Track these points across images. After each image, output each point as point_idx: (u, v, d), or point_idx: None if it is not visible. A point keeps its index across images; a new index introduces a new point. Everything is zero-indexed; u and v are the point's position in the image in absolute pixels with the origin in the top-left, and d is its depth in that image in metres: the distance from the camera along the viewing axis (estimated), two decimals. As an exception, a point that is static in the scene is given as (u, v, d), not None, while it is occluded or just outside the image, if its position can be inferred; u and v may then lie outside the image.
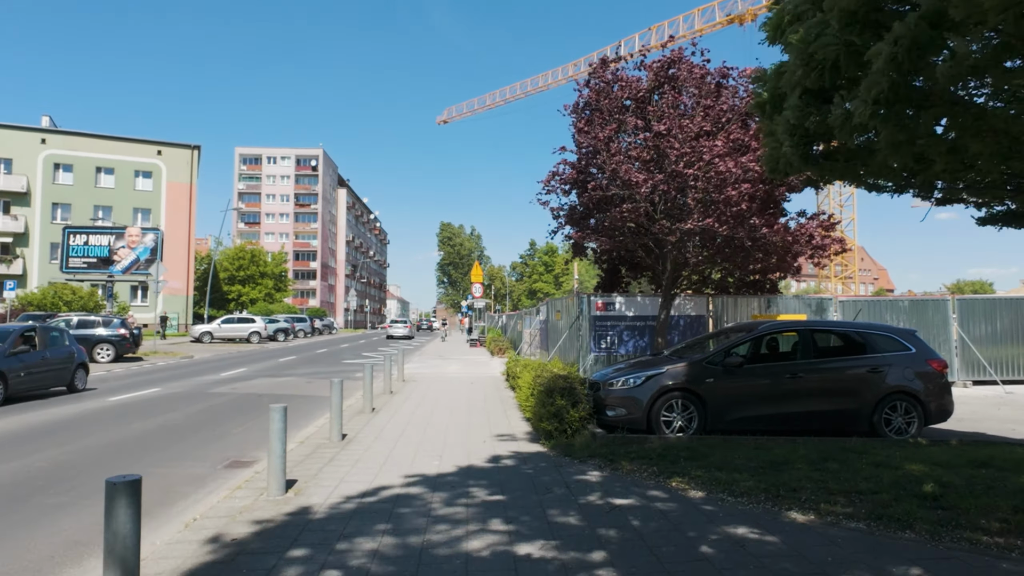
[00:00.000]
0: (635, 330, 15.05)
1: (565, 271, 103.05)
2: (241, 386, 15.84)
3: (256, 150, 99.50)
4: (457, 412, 11.39)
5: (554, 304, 17.37)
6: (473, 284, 36.49)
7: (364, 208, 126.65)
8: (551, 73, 76.56)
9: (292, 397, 13.89)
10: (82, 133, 52.96)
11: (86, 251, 40.92)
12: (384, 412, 11.46)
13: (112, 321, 23.59)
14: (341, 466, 7.29)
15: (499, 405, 12.22)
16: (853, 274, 63.55)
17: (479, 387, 15.31)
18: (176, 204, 54.66)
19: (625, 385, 8.61)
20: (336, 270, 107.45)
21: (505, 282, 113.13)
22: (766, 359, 9.04)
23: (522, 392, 10.55)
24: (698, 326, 15.25)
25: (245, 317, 41.29)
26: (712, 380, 8.32)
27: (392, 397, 13.41)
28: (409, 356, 27.79)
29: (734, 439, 8.01)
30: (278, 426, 6.11)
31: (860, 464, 6.70)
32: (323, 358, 26.55)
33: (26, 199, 50.58)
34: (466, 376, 18.18)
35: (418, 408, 11.92)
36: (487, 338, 34.43)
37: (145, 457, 8.10)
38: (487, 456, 7.73)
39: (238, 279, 71.34)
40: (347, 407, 11.99)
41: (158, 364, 22.86)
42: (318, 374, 19.46)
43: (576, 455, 7.53)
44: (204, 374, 18.92)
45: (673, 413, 8.34)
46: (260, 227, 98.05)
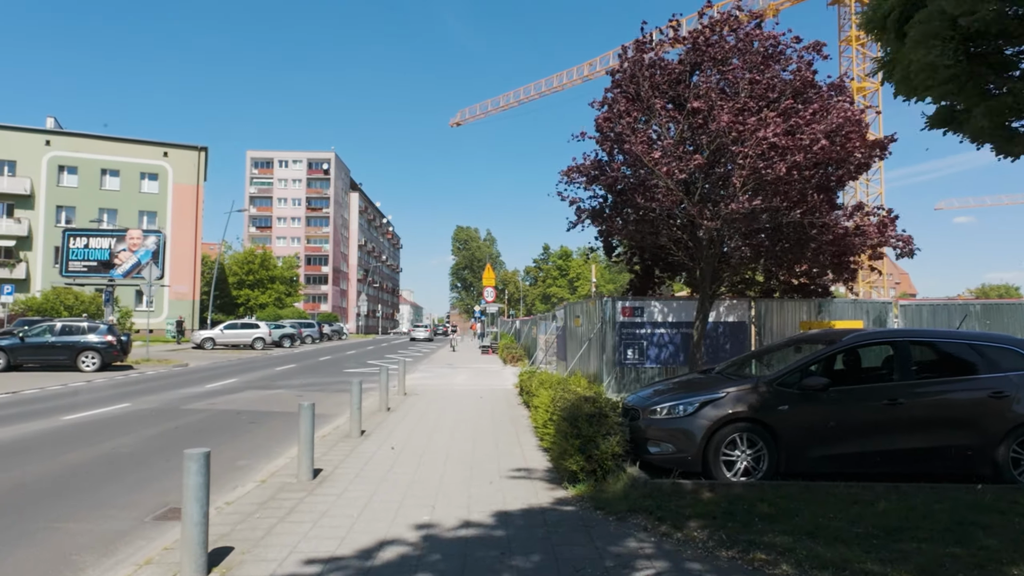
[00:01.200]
0: (668, 338, 13.16)
1: (580, 275, 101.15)
2: (221, 401, 14.14)
3: (268, 153, 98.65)
4: (461, 436, 9.57)
5: (573, 309, 15.49)
6: (485, 288, 34.70)
7: (377, 212, 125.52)
8: (566, 73, 74.83)
9: (274, 415, 12.15)
10: (87, 135, 51.92)
11: (86, 254, 39.64)
12: (375, 436, 9.67)
13: (98, 327, 22.04)
14: (300, 523, 5.49)
15: (511, 427, 10.39)
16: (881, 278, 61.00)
17: (488, 403, 13.49)
18: (182, 207, 53.44)
19: (673, 413, 6.72)
20: (348, 275, 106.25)
21: (519, 287, 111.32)
22: (854, 379, 7.16)
23: (539, 414, 8.72)
24: (739, 334, 13.33)
25: (249, 323, 39.79)
26: (787, 407, 6.42)
27: (388, 416, 11.62)
28: (416, 364, 26.04)
29: (818, 486, 6.11)
30: (195, 480, 4.30)
31: (1019, 529, 4.79)
32: (325, 366, 24.86)
33: (30, 202, 49.55)
34: (475, 389, 16.37)
35: (415, 430, 10.11)
36: (499, 345, 32.62)
37: (58, 504, 6.35)
38: (493, 507, 5.91)
39: (247, 283, 70.15)
40: (333, 429, 10.25)
41: (146, 374, 21.27)
42: (313, 386, 17.73)
43: (612, 508, 5.68)
44: (188, 386, 17.25)
45: (736, 451, 6.44)
46: (272, 231, 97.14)
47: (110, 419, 11.44)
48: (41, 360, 21.19)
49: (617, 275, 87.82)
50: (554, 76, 76.88)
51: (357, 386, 9.80)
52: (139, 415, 11.99)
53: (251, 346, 37.65)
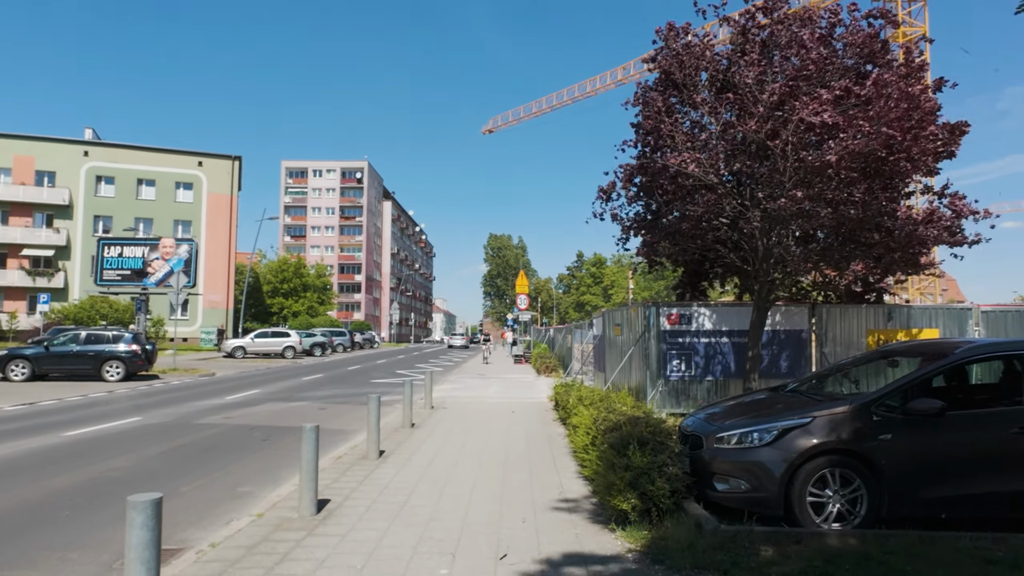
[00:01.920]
0: (718, 349, 11.93)
1: (614, 283, 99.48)
2: (238, 415, 13.33)
3: (302, 163, 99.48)
4: (490, 459, 8.51)
5: (612, 316, 14.34)
6: (518, 295, 33.66)
7: (409, 220, 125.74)
8: (599, 78, 73.45)
9: (289, 432, 11.25)
10: (123, 145, 52.57)
11: (120, 263, 39.79)
12: (393, 459, 8.66)
13: (124, 336, 21.58)
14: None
15: (546, 448, 9.28)
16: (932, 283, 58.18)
17: (521, 418, 12.41)
18: (217, 216, 53.69)
19: (745, 442, 5.53)
20: (381, 283, 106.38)
21: (552, 294, 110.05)
22: (972, 401, 5.91)
23: (578, 436, 7.62)
24: (796, 344, 12.02)
25: (279, 331, 39.38)
26: (889, 437, 5.19)
27: (411, 434, 10.62)
28: (447, 374, 25.10)
29: (937, 538, 4.87)
30: (140, 537, 3.28)
31: None
32: (353, 376, 24.07)
33: (68, 212, 50.26)
34: (507, 402, 15.30)
35: (440, 453, 9.07)
36: (532, 354, 31.51)
37: (17, 541, 5.47)
38: (528, 556, 4.83)
39: (281, 292, 70.38)
40: (350, 449, 9.29)
41: (171, 384, 20.72)
42: (337, 397, 16.87)
43: (674, 562, 4.57)
44: (208, 397, 16.55)
45: (827, 490, 5.22)
46: (306, 240, 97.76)
47: (113, 436, 10.66)
48: (66, 369, 20.81)
49: (653, 282, 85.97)
50: (587, 81, 75.66)
51: (375, 402, 8.80)
52: (146, 431, 11.20)
53: (281, 355, 37.21)
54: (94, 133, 54.12)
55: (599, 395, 9.06)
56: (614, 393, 8.64)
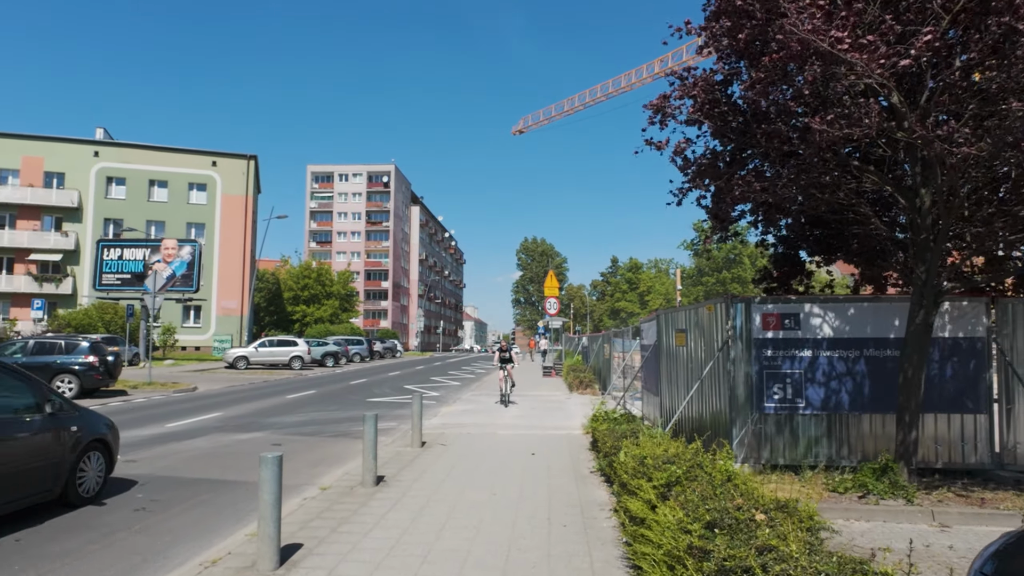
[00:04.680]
0: (844, 367, 7.88)
1: (651, 289, 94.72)
2: (154, 454, 9.71)
3: (328, 167, 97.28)
4: (484, 564, 4.65)
5: (672, 319, 10.28)
6: (547, 299, 29.68)
7: (438, 226, 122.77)
8: (635, 72, 69.69)
9: (196, 488, 7.54)
10: (135, 145, 50.27)
11: (120, 266, 37.19)
12: (330, 547, 4.83)
13: (79, 345, 18.30)
14: None
15: (579, 531, 5.37)
16: None
17: (543, 465, 8.52)
18: (232, 218, 50.94)
19: None
20: (409, 290, 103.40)
21: (585, 301, 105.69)
22: None
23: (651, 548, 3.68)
24: (968, 358, 7.88)
25: (286, 340, 36.05)
26: None
27: (365, 502, 6.79)
28: (460, 391, 21.25)
29: None
30: None
31: None
32: (349, 393, 20.41)
33: (78, 214, 48.02)
34: (527, 434, 11.42)
35: (398, 546, 5.23)
36: (564, 365, 27.51)
37: None
38: None
39: (302, 299, 67.66)
40: (243, 541, 5.49)
41: (132, 402, 17.35)
42: (310, 426, 13.20)
43: None
44: (150, 424, 13.04)
45: None
46: (332, 246, 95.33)
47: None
48: (9, 385, 17.55)
49: (691, 287, 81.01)
50: (621, 76, 71.80)
51: (272, 471, 4.97)
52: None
53: (288, 365, 33.86)
54: (106, 133, 51.99)
55: (674, 451, 5.10)
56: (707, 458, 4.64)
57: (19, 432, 6.21)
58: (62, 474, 6.59)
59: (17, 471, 6.01)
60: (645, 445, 5.58)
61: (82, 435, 6.92)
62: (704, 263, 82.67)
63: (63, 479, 6.60)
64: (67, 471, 6.64)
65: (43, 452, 6.37)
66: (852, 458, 7.75)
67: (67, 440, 6.71)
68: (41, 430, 6.44)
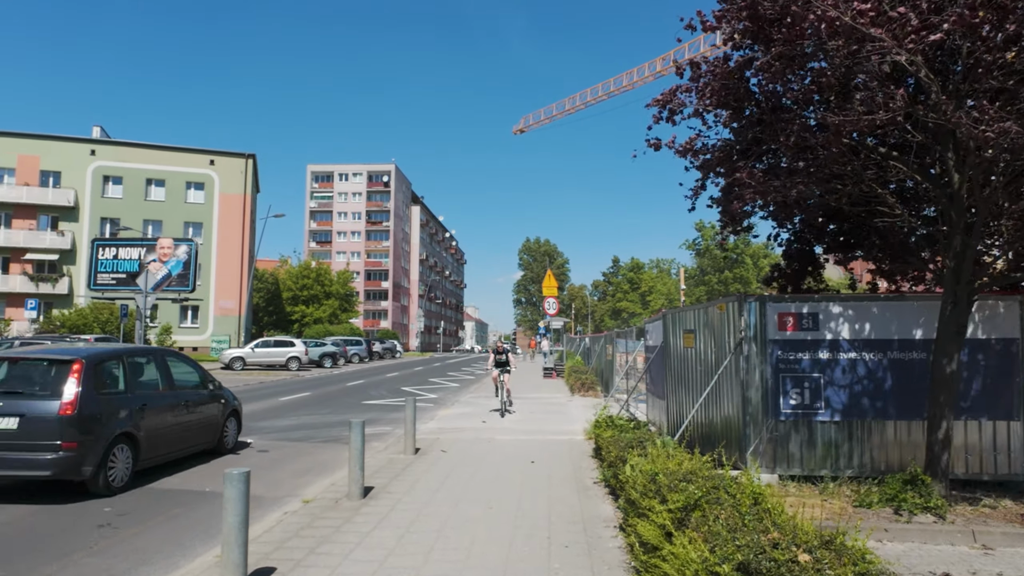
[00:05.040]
0: (866, 370, 7.34)
1: (652, 289, 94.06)
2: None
3: (328, 167, 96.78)
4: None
5: (681, 319, 9.72)
6: (546, 298, 29.11)
7: (439, 226, 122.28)
8: (637, 70, 69.11)
9: (175, 497, 7.00)
10: (132, 143, 49.80)
11: (115, 265, 36.57)
12: (305, 572, 4.33)
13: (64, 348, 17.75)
14: None
15: (582, 553, 4.85)
16: None
17: (543, 473, 7.98)
18: (229, 217, 50.43)
19: None
20: (409, 290, 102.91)
21: (586, 301, 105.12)
22: None
23: None
24: (999, 361, 7.33)
25: (283, 340, 35.53)
26: None
27: (350, 517, 6.26)
28: (460, 392, 20.74)
29: None
30: None
31: None
32: (345, 395, 19.88)
33: (74, 214, 47.55)
34: (527, 439, 10.89)
35: (390, 560, 4.71)
36: (565, 367, 26.97)
37: None
38: None
39: (302, 299, 67.15)
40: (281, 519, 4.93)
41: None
42: (299, 431, 12.69)
43: None
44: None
45: None
46: (332, 246, 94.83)
47: None
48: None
49: (693, 288, 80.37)
50: (623, 74, 71.25)
51: (237, 502, 4.44)
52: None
53: (285, 366, 33.34)
54: (102, 131, 51.52)
55: (688, 467, 4.56)
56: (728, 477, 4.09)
57: (199, 401, 9.23)
58: (217, 431, 9.66)
59: (200, 426, 9.16)
60: (655, 458, 5.05)
61: (227, 406, 9.93)
62: (706, 263, 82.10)
63: (217, 435, 9.67)
64: (219, 430, 9.70)
65: (209, 415, 9.45)
66: (875, 468, 7.21)
67: (220, 409, 9.74)
68: (208, 400, 9.46)
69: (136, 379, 8.30)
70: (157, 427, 8.15)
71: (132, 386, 8.08)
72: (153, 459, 8.15)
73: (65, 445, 6.80)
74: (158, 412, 8.24)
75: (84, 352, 7.75)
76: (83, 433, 6.94)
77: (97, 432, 7.09)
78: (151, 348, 10.45)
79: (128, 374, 8.14)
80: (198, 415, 9.07)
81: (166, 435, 8.36)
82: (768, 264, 79.98)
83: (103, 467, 7.16)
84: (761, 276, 78.65)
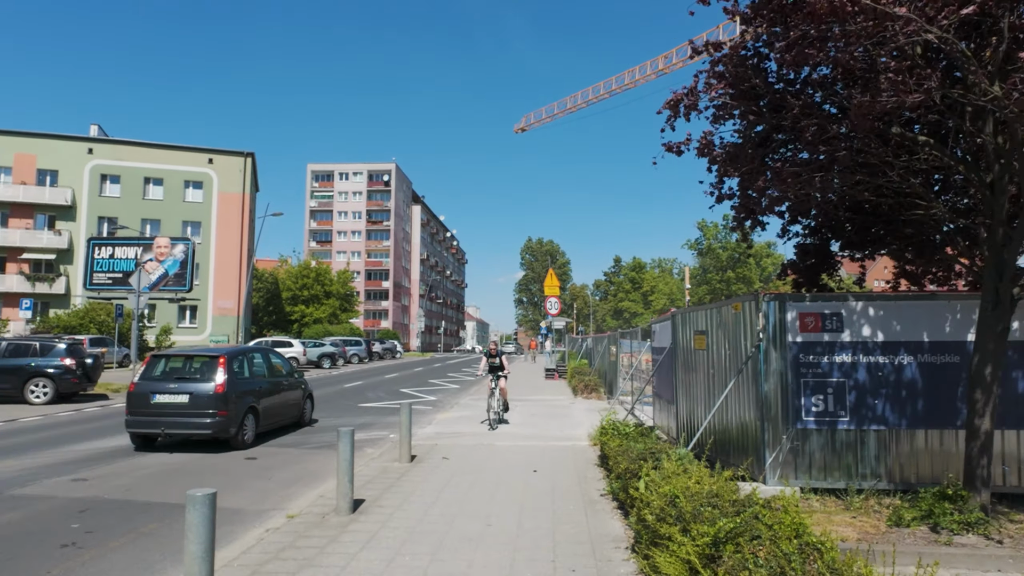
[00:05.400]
0: (893, 374, 6.82)
1: (654, 289, 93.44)
2: (114, 470, 8.68)
3: (328, 166, 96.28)
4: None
5: (692, 319, 9.18)
6: (548, 298, 28.59)
7: (440, 226, 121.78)
8: (638, 69, 68.43)
9: (151, 512, 6.50)
10: (130, 142, 49.33)
11: (111, 265, 36.20)
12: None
13: (55, 347, 17.28)
14: None
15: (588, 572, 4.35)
16: None
17: (547, 483, 7.47)
18: (228, 216, 49.94)
19: None
20: (410, 290, 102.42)
21: (588, 301, 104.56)
22: None
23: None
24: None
25: (280, 340, 35.05)
26: None
27: (350, 523, 5.75)
28: (459, 395, 20.23)
29: None
30: None
31: None
32: (343, 397, 19.38)
33: (71, 213, 47.08)
34: (528, 445, 10.38)
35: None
36: (568, 368, 26.47)
37: None
38: None
39: (301, 299, 66.62)
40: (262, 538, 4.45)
41: (112, 407, 16.46)
42: (286, 436, 12.15)
43: None
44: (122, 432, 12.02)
45: None
46: (332, 245, 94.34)
47: None
48: (-18, 389, 16.65)
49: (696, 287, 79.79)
50: (625, 72, 70.63)
51: (201, 528, 3.94)
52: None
53: (283, 367, 32.77)
54: (100, 130, 51.07)
55: (708, 487, 4.04)
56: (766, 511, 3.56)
57: (289, 386, 12.28)
58: (300, 409, 12.77)
59: (291, 404, 12.24)
60: (671, 475, 4.54)
61: (305, 390, 13.10)
62: (708, 262, 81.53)
63: (300, 411, 12.79)
64: (301, 407, 12.81)
65: (296, 397, 12.50)
66: (905, 480, 6.69)
67: (302, 392, 12.89)
68: (295, 386, 12.57)
69: (252, 369, 11.40)
70: (267, 403, 11.28)
71: (252, 374, 11.23)
72: (266, 427, 11.27)
73: (219, 413, 9.91)
74: (267, 393, 11.39)
75: (224, 350, 10.94)
76: (229, 405, 10.00)
77: (236, 404, 10.19)
78: (260, 347, 14.10)
79: (249, 365, 11.31)
80: (290, 396, 12.34)
81: (272, 409, 11.50)
82: (772, 264, 79.52)
83: (240, 429, 10.28)
84: (764, 276, 78.18)
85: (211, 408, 9.82)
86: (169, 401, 9.98)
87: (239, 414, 10.18)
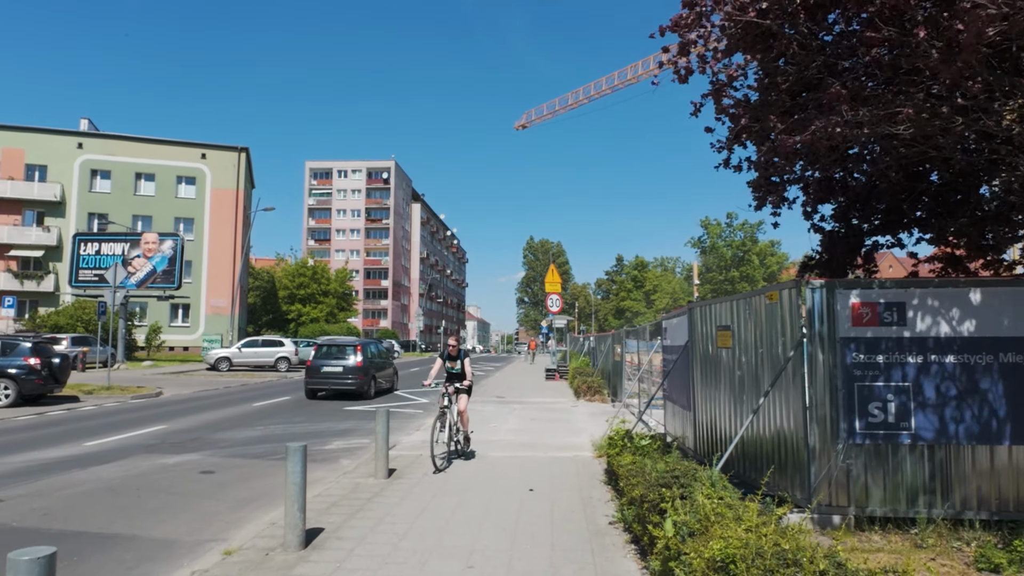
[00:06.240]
0: (973, 378, 5.59)
1: (657, 287, 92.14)
2: (39, 488, 7.47)
3: (327, 164, 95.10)
4: None
5: (713, 313, 7.87)
6: (549, 295, 27.35)
7: (440, 224, 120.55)
8: (641, 63, 67.26)
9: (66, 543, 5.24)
10: (121, 136, 48.13)
11: (98, 261, 34.96)
12: None
13: (18, 346, 16.08)
14: None
15: None
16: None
17: (545, 506, 6.25)
18: (221, 212, 48.72)
19: None
20: (409, 289, 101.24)
21: (589, 300, 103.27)
22: None
23: None
24: None
25: (271, 340, 33.83)
26: None
27: (297, 564, 4.54)
28: (454, 397, 18.99)
29: None
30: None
31: None
32: (327, 399, 18.16)
33: (60, 209, 45.94)
34: (526, 456, 9.17)
35: None
36: (569, 368, 25.24)
37: None
38: None
39: (298, 297, 65.39)
40: None
41: (80, 410, 15.21)
42: (263, 443, 10.96)
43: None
44: (74, 439, 10.82)
45: None
46: (330, 244, 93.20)
47: None
48: (-61, 391, 15.48)
49: (699, 286, 78.49)
50: (627, 68, 69.49)
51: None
52: None
53: (274, 367, 31.66)
54: (90, 124, 49.81)
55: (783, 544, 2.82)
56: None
57: (387, 364, 20.39)
58: (392, 380, 20.73)
59: (389, 376, 20.29)
60: (710, 514, 3.31)
61: (395, 368, 21.71)
62: (711, 260, 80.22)
63: (392, 382, 20.75)
64: (392, 379, 20.74)
65: (391, 372, 20.63)
66: (984, 507, 5.47)
67: (394, 368, 21.26)
68: (391, 365, 20.90)
69: (372, 352, 18.73)
70: (380, 374, 18.98)
71: (372, 355, 18.66)
72: (378, 388, 18.79)
73: (359, 378, 17.53)
74: (379, 367, 19.05)
75: (359, 341, 19.21)
76: (364, 373, 17.59)
77: (368, 373, 17.83)
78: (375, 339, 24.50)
79: (371, 350, 18.76)
80: (388, 371, 20.14)
81: (381, 376, 19.15)
82: (776, 263, 78.18)
83: (369, 387, 17.94)
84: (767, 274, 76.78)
85: (355, 375, 17.41)
86: (330, 370, 17.53)
87: (369, 379, 17.86)
